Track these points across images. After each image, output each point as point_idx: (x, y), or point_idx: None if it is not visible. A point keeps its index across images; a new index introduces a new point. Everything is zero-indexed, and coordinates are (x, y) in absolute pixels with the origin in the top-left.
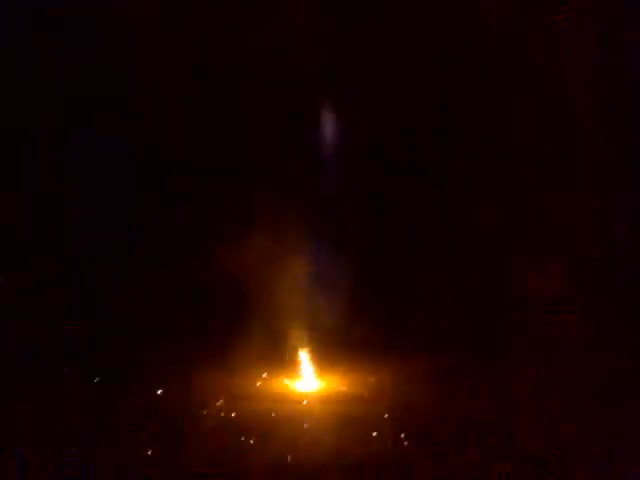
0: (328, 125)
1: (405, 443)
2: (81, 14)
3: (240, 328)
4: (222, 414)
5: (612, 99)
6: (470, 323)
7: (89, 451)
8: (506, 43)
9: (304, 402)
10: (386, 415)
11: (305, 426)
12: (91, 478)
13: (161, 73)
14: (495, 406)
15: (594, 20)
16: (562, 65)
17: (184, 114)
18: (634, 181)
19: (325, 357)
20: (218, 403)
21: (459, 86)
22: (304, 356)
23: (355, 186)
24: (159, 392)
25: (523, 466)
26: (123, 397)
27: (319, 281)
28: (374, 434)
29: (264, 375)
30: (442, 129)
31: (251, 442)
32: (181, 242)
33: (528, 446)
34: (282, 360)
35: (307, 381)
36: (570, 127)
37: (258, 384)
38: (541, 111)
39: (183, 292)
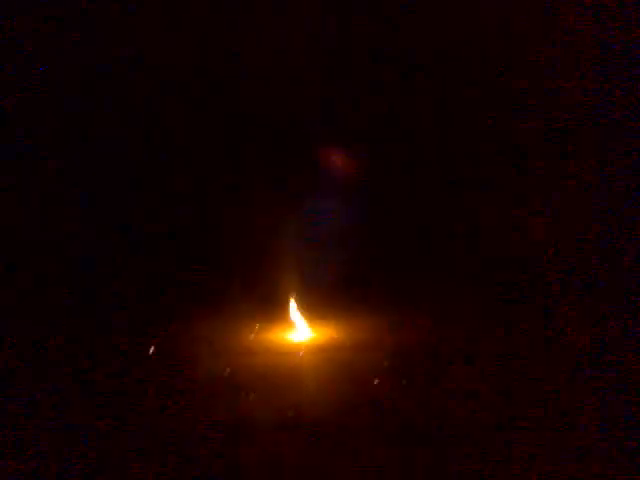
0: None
1: (406, 389)
2: (81, 14)
3: (227, 280)
4: (216, 371)
5: (612, 96)
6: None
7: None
8: (506, 43)
9: (300, 353)
10: (385, 363)
11: (304, 377)
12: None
13: (160, 73)
14: (497, 351)
15: (594, 19)
16: (562, 63)
17: (184, 114)
18: (635, 181)
19: (317, 306)
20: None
21: (459, 85)
22: (295, 306)
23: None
24: (150, 351)
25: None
26: (115, 363)
27: (311, 228)
28: (375, 382)
29: (256, 327)
30: (443, 128)
31: (251, 398)
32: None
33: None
34: (273, 311)
35: (300, 331)
36: (570, 126)
37: (251, 337)
38: (541, 110)
39: (169, 244)
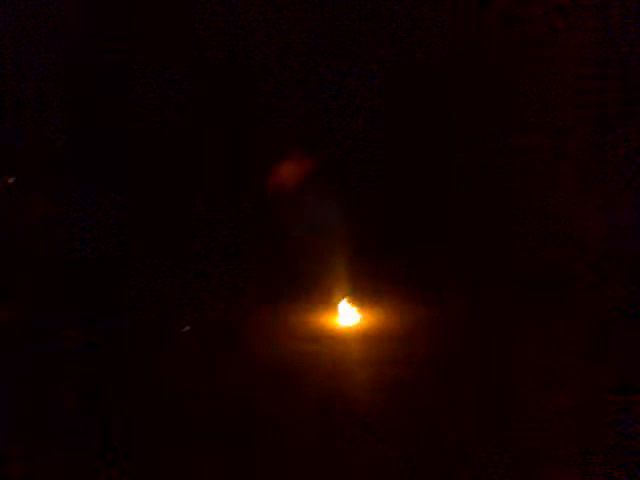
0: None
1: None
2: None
3: (267, 262)
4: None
5: (612, 95)
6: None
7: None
8: (505, 42)
9: (344, 340)
10: (436, 352)
11: (349, 366)
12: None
13: (160, 72)
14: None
15: (594, 19)
16: (562, 62)
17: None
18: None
19: (363, 291)
20: None
21: (460, 85)
22: (340, 290)
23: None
24: (185, 329)
25: None
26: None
27: (353, 208)
28: (428, 372)
29: (296, 311)
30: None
31: (293, 385)
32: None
33: None
34: (316, 295)
35: (345, 317)
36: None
37: (290, 321)
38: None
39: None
